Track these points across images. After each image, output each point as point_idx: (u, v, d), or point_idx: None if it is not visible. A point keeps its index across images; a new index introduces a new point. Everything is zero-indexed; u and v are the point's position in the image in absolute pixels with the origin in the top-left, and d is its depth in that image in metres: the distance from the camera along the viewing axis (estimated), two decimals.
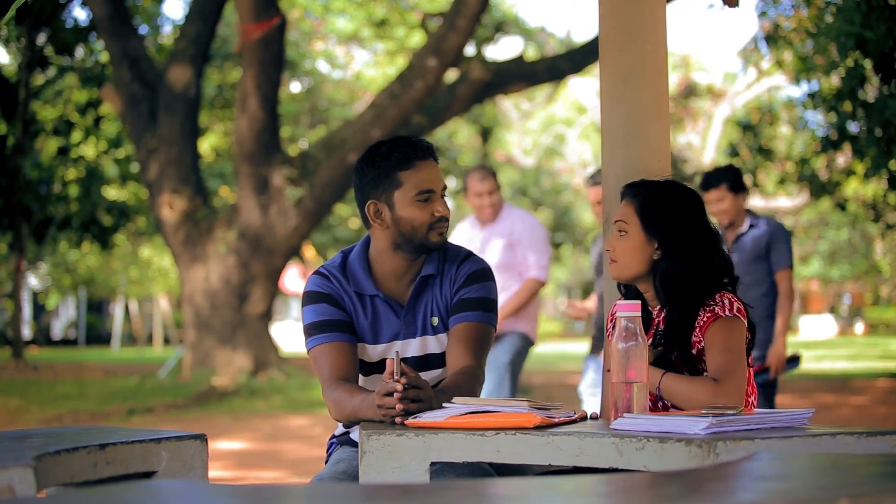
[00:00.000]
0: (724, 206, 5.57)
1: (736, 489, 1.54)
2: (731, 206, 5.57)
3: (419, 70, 12.66)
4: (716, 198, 5.58)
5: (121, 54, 13.44)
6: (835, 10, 9.37)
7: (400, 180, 2.82)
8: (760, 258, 5.58)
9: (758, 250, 5.58)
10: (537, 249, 5.86)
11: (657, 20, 3.29)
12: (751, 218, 5.69)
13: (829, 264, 35.22)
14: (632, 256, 2.79)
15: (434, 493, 1.44)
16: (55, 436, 2.63)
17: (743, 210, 5.66)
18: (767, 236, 5.61)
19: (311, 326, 2.86)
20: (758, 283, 5.57)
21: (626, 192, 2.86)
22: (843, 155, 13.80)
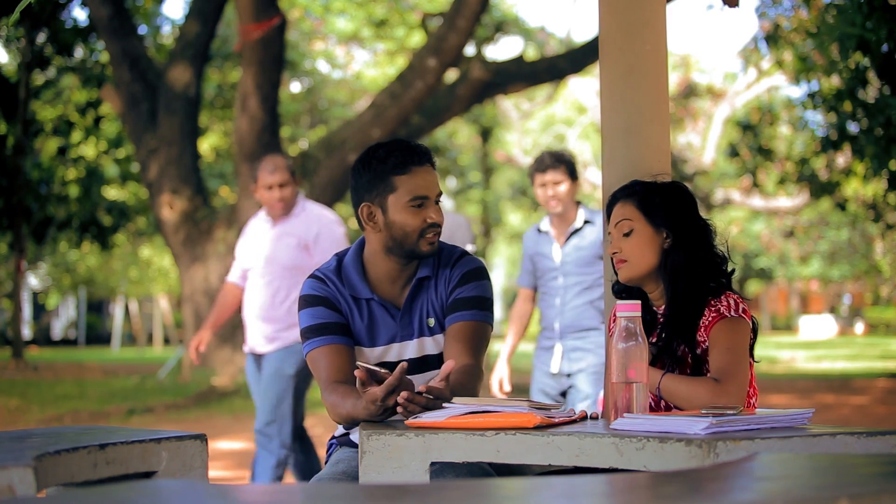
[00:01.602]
0: (562, 191, 5.14)
1: (736, 489, 1.54)
2: (567, 192, 5.14)
3: (419, 70, 12.66)
4: (553, 180, 5.14)
5: (121, 54, 13.45)
6: (835, 12, 9.37)
7: (395, 185, 2.82)
8: (598, 258, 5.11)
9: (596, 249, 5.11)
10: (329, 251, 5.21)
11: (657, 20, 3.29)
12: (586, 212, 5.23)
13: (829, 264, 35.23)
14: (643, 251, 2.80)
15: (434, 493, 1.44)
16: (55, 436, 2.63)
17: (575, 202, 5.25)
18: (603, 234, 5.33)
19: (308, 330, 2.87)
20: (593, 287, 5.13)
21: (619, 196, 2.88)
22: (843, 155, 13.80)
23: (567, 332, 5.16)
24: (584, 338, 5.13)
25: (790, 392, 13.64)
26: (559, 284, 5.18)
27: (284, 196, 5.22)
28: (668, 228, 2.80)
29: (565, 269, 5.18)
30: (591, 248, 5.13)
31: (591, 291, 5.13)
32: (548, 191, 5.15)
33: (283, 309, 5.24)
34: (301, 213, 5.32)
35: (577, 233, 5.19)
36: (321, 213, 5.37)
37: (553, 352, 5.20)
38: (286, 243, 5.26)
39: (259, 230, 5.38)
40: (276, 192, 5.20)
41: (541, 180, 5.16)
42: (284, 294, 5.24)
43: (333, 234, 5.30)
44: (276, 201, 5.22)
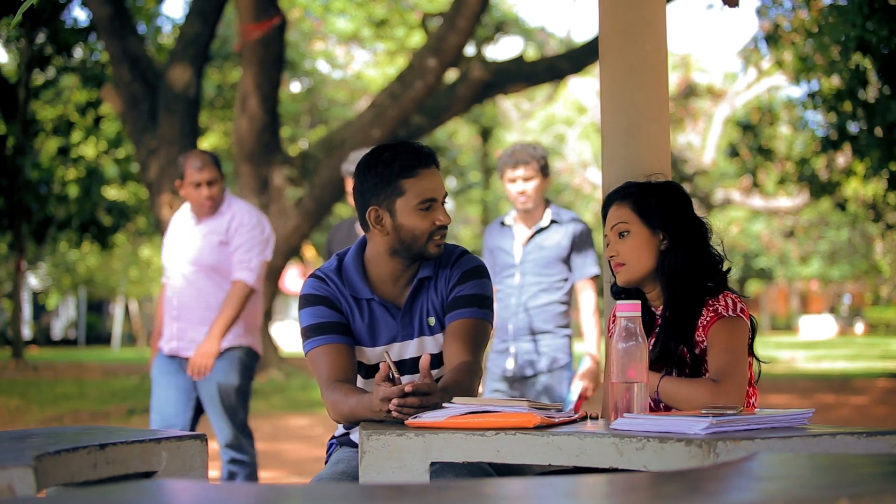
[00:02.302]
0: (532, 187, 4.94)
1: (736, 489, 1.54)
2: (537, 189, 4.95)
3: (419, 70, 12.67)
4: (524, 176, 4.94)
5: (121, 54, 13.44)
6: (836, 13, 9.38)
7: (403, 188, 2.82)
8: (560, 261, 4.92)
9: (559, 251, 4.92)
10: (247, 247, 4.99)
11: (657, 20, 3.29)
12: (553, 212, 5.01)
13: (829, 264, 35.25)
14: (641, 253, 2.80)
15: (434, 493, 1.44)
16: (55, 436, 2.63)
17: (544, 199, 5.04)
18: (573, 236, 4.94)
19: (309, 329, 2.86)
20: (551, 289, 4.94)
21: (614, 198, 2.88)
22: (843, 155, 13.80)
23: (521, 334, 4.93)
24: (538, 341, 4.92)
25: (790, 392, 13.64)
26: (516, 283, 4.96)
27: (213, 194, 4.95)
28: (664, 230, 2.80)
29: (524, 268, 4.95)
30: (554, 250, 4.93)
31: (549, 294, 4.93)
32: (517, 186, 4.93)
33: (208, 310, 4.95)
34: (228, 209, 5.04)
35: (542, 232, 4.97)
36: (243, 209, 5.08)
37: (507, 355, 4.96)
38: (210, 241, 4.99)
39: (183, 227, 5.09)
40: (205, 190, 4.92)
41: (511, 175, 4.93)
42: (210, 294, 4.96)
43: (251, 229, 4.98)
44: (205, 199, 4.94)
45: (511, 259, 4.98)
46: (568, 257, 4.92)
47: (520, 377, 4.94)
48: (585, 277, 4.90)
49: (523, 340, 4.93)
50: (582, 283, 4.92)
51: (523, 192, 4.91)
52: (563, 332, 4.97)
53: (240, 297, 4.90)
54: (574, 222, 4.96)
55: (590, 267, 4.92)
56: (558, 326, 4.96)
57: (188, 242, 5.01)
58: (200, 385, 4.95)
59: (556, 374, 4.91)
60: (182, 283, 5.01)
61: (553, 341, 4.93)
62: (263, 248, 5.01)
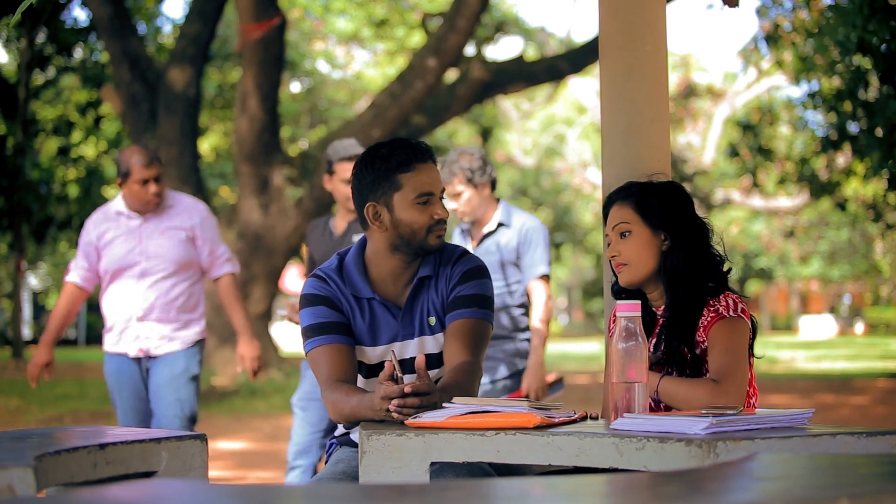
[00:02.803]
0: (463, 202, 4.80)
1: (736, 489, 1.54)
2: (469, 202, 4.80)
3: (419, 70, 12.67)
4: (452, 193, 4.80)
5: (121, 54, 13.45)
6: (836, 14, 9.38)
7: (400, 183, 2.82)
8: (510, 264, 4.81)
9: (508, 254, 4.81)
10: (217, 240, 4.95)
11: (657, 20, 3.29)
12: (503, 213, 4.87)
13: (829, 264, 35.24)
14: (643, 253, 2.80)
15: (434, 493, 1.44)
16: (55, 436, 2.63)
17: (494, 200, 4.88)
18: (520, 237, 4.81)
19: (309, 329, 2.87)
20: (503, 294, 4.80)
21: (615, 197, 2.88)
22: (843, 155, 13.80)
23: None
24: (492, 346, 4.73)
25: (790, 392, 13.64)
26: None
27: (161, 191, 4.82)
28: (665, 230, 2.80)
29: None
30: (503, 253, 4.79)
31: (501, 298, 4.76)
32: (450, 204, 4.77)
33: (176, 307, 4.87)
34: (176, 204, 4.93)
35: (490, 236, 4.84)
36: (196, 203, 5.00)
37: None
38: (174, 237, 4.86)
39: (122, 227, 4.90)
40: (153, 187, 4.78)
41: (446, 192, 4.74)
42: (178, 291, 4.87)
43: (213, 223, 4.97)
44: (153, 196, 4.79)
45: None
46: (518, 259, 4.79)
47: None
48: (535, 277, 4.76)
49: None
50: (532, 284, 4.78)
51: (456, 209, 4.80)
52: (521, 336, 4.83)
53: (237, 289, 5.00)
54: (524, 223, 4.82)
55: (538, 267, 4.78)
56: (515, 331, 4.81)
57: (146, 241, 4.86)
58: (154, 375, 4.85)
59: (516, 380, 4.76)
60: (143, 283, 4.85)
61: (511, 346, 4.79)
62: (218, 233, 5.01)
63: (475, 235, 4.89)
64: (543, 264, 4.78)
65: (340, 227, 5.07)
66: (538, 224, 4.84)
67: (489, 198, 4.85)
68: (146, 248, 4.88)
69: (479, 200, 4.81)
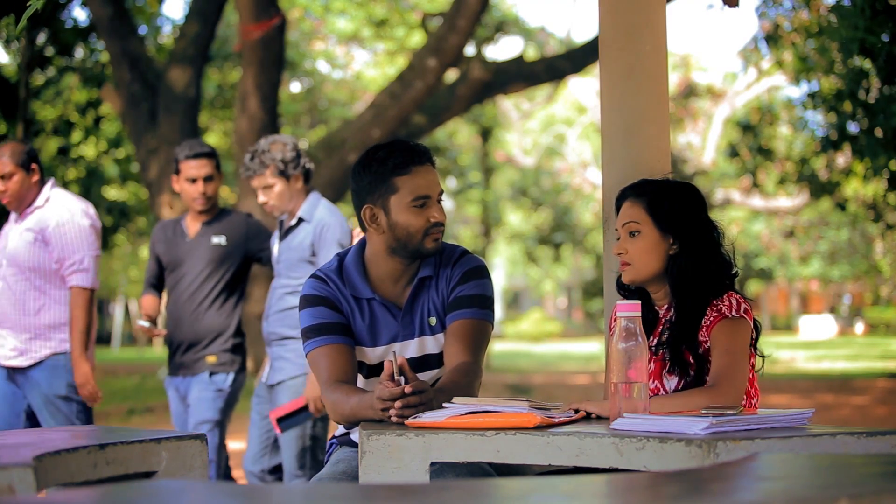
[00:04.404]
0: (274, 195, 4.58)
1: (736, 489, 1.54)
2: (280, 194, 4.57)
3: (419, 70, 12.67)
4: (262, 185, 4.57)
5: (121, 54, 13.44)
6: (837, 15, 9.37)
7: (396, 186, 2.82)
8: (306, 262, 4.58)
9: (303, 252, 4.58)
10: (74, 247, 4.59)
11: (657, 20, 3.30)
12: (306, 207, 4.61)
13: (829, 264, 35.23)
14: (649, 255, 2.79)
15: (434, 493, 1.44)
16: (55, 436, 2.63)
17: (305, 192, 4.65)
18: (315, 234, 4.56)
19: (309, 329, 2.87)
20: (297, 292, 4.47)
21: (628, 194, 2.87)
22: (843, 155, 13.80)
23: (271, 339, 4.62)
24: (285, 346, 4.58)
25: (790, 392, 13.64)
26: (272, 285, 4.68)
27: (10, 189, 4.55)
28: (674, 234, 2.79)
29: (278, 269, 4.64)
30: (298, 251, 4.57)
31: (295, 297, 4.49)
32: (260, 197, 4.58)
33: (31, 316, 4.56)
34: (46, 204, 4.66)
35: (290, 231, 4.62)
36: (64, 205, 4.70)
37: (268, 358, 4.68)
38: (25, 239, 4.58)
39: (9, 225, 4.74)
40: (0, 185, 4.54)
41: (254, 185, 4.60)
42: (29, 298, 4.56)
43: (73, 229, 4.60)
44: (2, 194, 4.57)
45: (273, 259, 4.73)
46: (314, 257, 4.57)
47: (270, 384, 4.64)
48: None
49: (273, 346, 4.62)
50: None
51: (266, 203, 4.59)
52: None
53: (82, 304, 4.54)
54: (322, 218, 4.56)
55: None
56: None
57: (7, 241, 4.67)
58: (28, 395, 4.59)
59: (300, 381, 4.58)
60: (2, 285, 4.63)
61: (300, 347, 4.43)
62: (91, 242, 4.64)
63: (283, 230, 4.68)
64: None
65: (194, 230, 4.86)
66: (337, 221, 4.57)
67: (301, 190, 4.63)
68: (5, 248, 4.67)
69: (291, 193, 4.60)
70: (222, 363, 4.81)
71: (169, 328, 4.90)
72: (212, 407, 4.75)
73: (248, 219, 4.97)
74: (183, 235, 4.88)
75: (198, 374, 4.81)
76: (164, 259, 4.90)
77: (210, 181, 4.80)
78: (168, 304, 4.90)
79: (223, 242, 4.82)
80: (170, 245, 4.89)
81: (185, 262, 4.84)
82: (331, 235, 4.52)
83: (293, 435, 4.56)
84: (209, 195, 4.80)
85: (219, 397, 4.78)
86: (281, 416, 4.51)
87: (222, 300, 4.84)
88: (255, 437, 4.80)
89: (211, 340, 4.81)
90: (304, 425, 4.57)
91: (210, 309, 4.81)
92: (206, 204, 4.80)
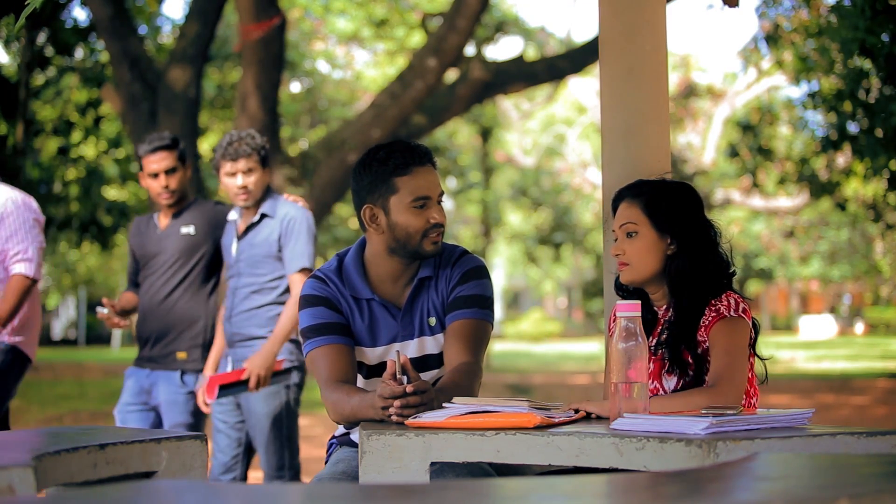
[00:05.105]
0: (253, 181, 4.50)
1: (736, 489, 1.54)
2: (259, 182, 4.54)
3: (419, 70, 12.67)
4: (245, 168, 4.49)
5: (121, 54, 13.44)
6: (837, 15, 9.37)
7: (396, 186, 2.82)
8: (272, 259, 4.52)
9: (269, 248, 4.52)
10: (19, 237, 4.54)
11: (657, 20, 3.30)
12: (268, 203, 4.57)
13: (829, 264, 35.24)
14: (646, 256, 2.79)
15: (434, 493, 1.44)
16: (55, 436, 2.63)
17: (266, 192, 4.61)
18: (281, 229, 4.50)
19: (309, 329, 2.87)
20: (264, 290, 4.54)
21: (625, 194, 2.87)
22: (843, 155, 13.80)
23: (235, 340, 4.56)
24: (252, 346, 4.52)
25: (790, 392, 13.64)
26: (233, 285, 4.61)
27: None
28: (672, 235, 2.80)
29: (238, 269, 4.57)
30: (264, 247, 4.52)
31: (261, 295, 4.52)
32: (237, 180, 4.49)
33: None
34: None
35: (253, 228, 4.55)
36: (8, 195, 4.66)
37: (225, 361, 4.60)
38: None
39: None
40: None
41: (232, 168, 4.49)
42: None
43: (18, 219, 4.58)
44: None
45: (230, 259, 4.63)
46: (281, 252, 4.51)
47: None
48: (294, 272, 4.49)
49: (238, 346, 4.56)
50: (291, 278, 4.50)
51: (245, 187, 4.49)
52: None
53: (18, 289, 4.46)
54: (287, 212, 4.52)
55: (298, 260, 4.49)
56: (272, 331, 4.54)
57: None
58: None
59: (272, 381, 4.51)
60: None
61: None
62: (36, 234, 4.59)
63: (242, 226, 4.60)
64: (304, 257, 4.49)
65: (164, 222, 4.82)
66: (302, 214, 4.54)
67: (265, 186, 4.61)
68: None
69: (263, 185, 4.56)
70: (193, 360, 4.73)
71: (138, 322, 4.83)
72: (185, 410, 4.67)
73: (215, 206, 4.88)
74: (155, 228, 4.82)
75: (167, 369, 4.71)
76: (137, 253, 4.86)
77: (173, 173, 4.70)
78: (140, 298, 4.84)
79: (192, 232, 4.75)
80: (143, 239, 4.85)
81: (157, 254, 4.79)
82: (299, 226, 4.50)
83: (270, 436, 4.51)
84: (173, 188, 4.70)
85: (190, 399, 4.70)
86: (221, 383, 4.39)
87: (194, 290, 4.75)
88: (226, 446, 4.67)
89: (181, 332, 4.72)
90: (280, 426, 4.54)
91: (181, 298, 4.73)
92: (171, 198, 4.71)
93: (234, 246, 4.61)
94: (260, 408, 4.51)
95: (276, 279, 4.55)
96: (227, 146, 4.50)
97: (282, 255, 4.52)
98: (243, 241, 4.56)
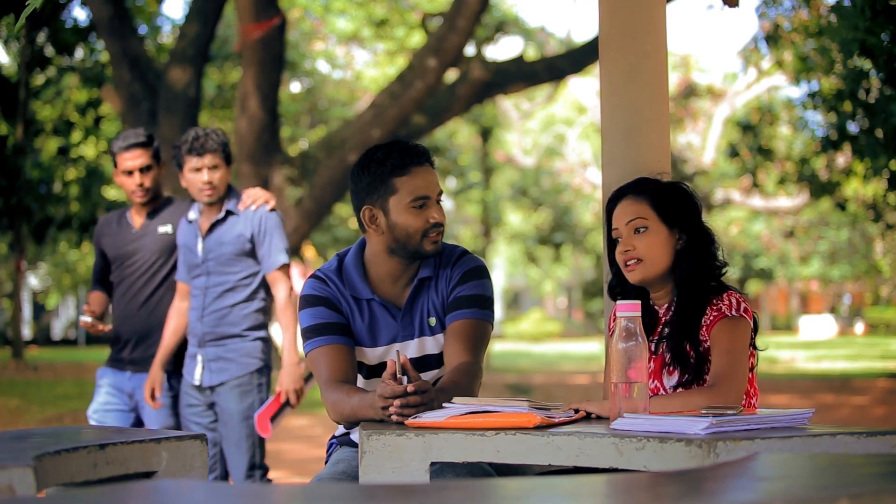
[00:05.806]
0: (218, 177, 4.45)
1: (736, 489, 1.54)
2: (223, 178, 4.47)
3: (419, 70, 12.67)
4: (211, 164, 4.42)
5: (121, 54, 13.44)
6: (838, 16, 9.37)
7: (395, 186, 2.82)
8: (243, 256, 4.48)
9: (240, 245, 4.47)
10: None
11: (657, 20, 3.30)
12: (231, 201, 4.52)
13: (829, 264, 35.24)
14: (659, 250, 2.78)
15: (434, 493, 1.44)
16: (55, 436, 2.63)
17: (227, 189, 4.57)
18: (254, 225, 4.47)
19: (309, 330, 2.87)
20: (237, 288, 4.50)
21: (627, 192, 2.86)
22: (843, 155, 13.80)
23: (207, 339, 4.50)
24: (224, 345, 4.49)
25: (790, 392, 13.64)
26: (201, 284, 4.53)
27: None
28: (681, 230, 2.80)
29: (207, 267, 4.51)
30: (235, 245, 4.47)
31: (234, 294, 4.49)
32: (202, 176, 4.42)
33: None
34: None
35: (218, 225, 4.50)
36: None
37: (195, 362, 4.55)
38: None
39: None
40: None
41: (197, 164, 4.43)
42: None
43: None
44: None
45: (196, 258, 4.55)
46: (253, 250, 4.48)
47: (208, 386, 4.53)
48: (273, 269, 4.47)
49: (209, 346, 4.51)
50: (271, 276, 4.48)
51: (210, 183, 4.43)
52: (254, 334, 4.54)
53: None
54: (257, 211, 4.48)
55: (276, 256, 4.47)
56: (248, 329, 4.53)
57: None
58: None
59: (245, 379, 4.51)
60: None
61: (241, 345, 4.51)
62: None
63: (205, 224, 4.53)
64: (283, 253, 4.48)
65: (139, 222, 4.76)
66: (274, 212, 4.52)
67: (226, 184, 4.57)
68: None
69: (226, 183, 4.51)
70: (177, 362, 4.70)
71: (115, 323, 4.78)
72: (171, 413, 4.66)
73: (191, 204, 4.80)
74: (129, 228, 4.76)
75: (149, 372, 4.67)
76: (110, 253, 4.78)
77: (147, 171, 4.62)
78: (115, 299, 4.80)
79: (170, 231, 4.69)
80: (115, 238, 4.77)
81: (134, 254, 4.73)
82: (272, 223, 4.48)
83: (244, 434, 4.49)
84: (147, 186, 4.62)
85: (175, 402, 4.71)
86: (270, 416, 4.43)
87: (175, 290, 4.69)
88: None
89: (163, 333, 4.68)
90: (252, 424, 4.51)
91: (163, 300, 4.69)
92: (145, 196, 4.64)
93: (200, 245, 4.53)
94: (234, 406, 4.48)
95: (249, 276, 4.51)
96: (193, 141, 4.45)
97: (256, 253, 4.48)
98: (209, 240, 4.50)
